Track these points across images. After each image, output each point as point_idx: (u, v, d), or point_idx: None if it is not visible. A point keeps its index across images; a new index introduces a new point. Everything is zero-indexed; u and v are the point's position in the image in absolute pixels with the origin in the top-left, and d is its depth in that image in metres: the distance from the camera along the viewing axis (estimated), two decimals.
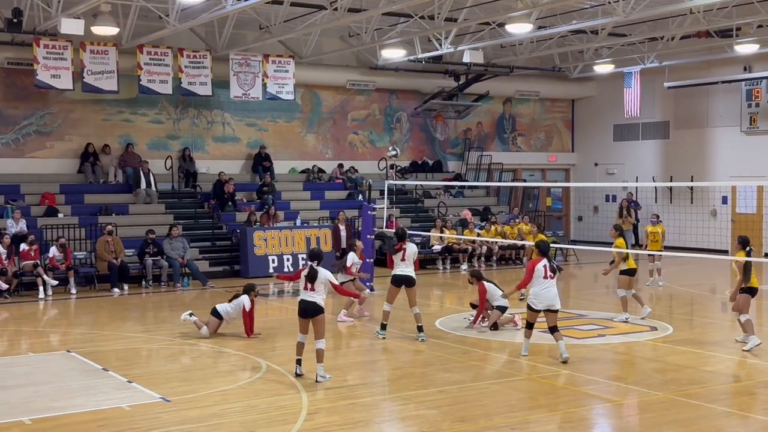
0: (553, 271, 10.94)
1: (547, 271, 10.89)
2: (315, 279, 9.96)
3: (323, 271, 10.10)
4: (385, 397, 9.63)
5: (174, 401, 9.15)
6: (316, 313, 9.97)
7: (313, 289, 9.98)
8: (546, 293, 10.88)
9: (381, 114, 26.64)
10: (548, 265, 10.94)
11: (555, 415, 8.70)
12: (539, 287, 10.89)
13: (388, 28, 21.26)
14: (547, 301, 10.88)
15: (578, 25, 20.02)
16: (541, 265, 10.93)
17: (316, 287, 9.97)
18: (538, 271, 10.89)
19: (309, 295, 10.00)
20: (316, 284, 9.97)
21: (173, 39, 20.90)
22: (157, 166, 22.26)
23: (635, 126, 27.77)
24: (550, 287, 10.90)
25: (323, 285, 10.03)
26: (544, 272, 10.89)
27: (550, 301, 10.89)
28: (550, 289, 10.90)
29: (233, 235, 21.30)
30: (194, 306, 16.95)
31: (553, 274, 10.93)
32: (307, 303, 10.01)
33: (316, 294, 9.98)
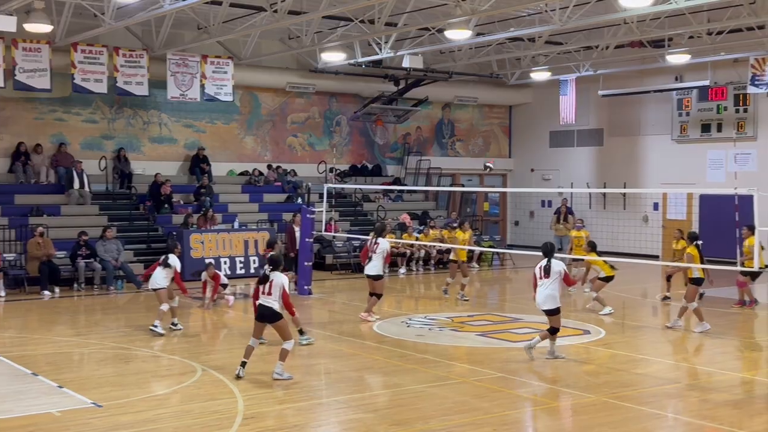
0: (546, 272, 11.20)
1: (541, 272, 11.25)
2: (266, 282, 10.01)
3: (279, 276, 10.12)
4: (322, 401, 9.61)
5: (106, 406, 8.98)
6: (275, 318, 10.01)
7: (270, 293, 10.01)
8: (538, 294, 11.31)
9: (321, 117, 26.60)
10: (542, 266, 11.26)
11: (490, 418, 8.80)
12: (538, 290, 11.32)
13: (328, 31, 21.25)
14: (538, 301, 11.31)
15: (516, 33, 20.30)
16: (537, 266, 11.34)
17: (272, 292, 9.99)
18: (536, 273, 11.33)
19: (266, 300, 10.04)
20: (273, 289, 9.99)
21: (109, 37, 20.52)
22: (91, 167, 21.83)
23: (570, 133, 28.28)
24: (541, 288, 11.27)
25: (279, 290, 10.06)
26: (539, 273, 11.28)
27: (540, 301, 11.29)
28: (541, 290, 11.26)
29: (169, 237, 20.98)
30: (127, 308, 16.72)
31: (546, 274, 11.18)
32: (265, 308, 10.04)
33: (272, 299, 10.00)
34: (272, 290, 10.01)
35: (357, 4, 16.91)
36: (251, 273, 20.86)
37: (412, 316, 15.06)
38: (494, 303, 17.64)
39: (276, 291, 10.03)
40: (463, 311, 16.03)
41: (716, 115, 24.44)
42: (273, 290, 10.02)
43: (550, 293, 11.26)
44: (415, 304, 17.50)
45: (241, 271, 20.88)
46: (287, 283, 10.28)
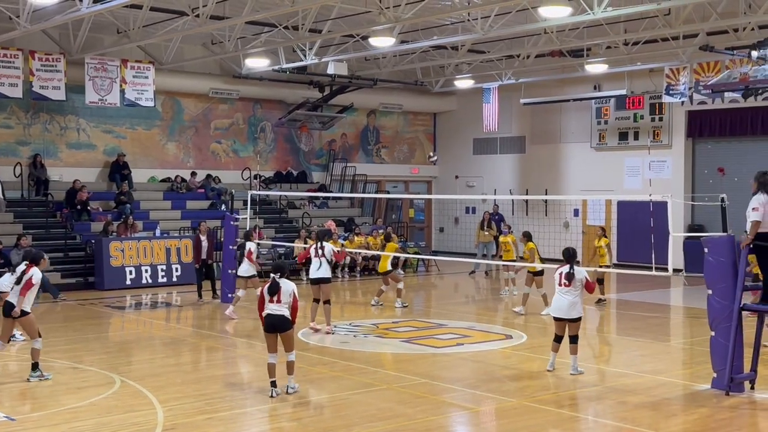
0: (569, 279, 10.81)
1: (561, 279, 10.86)
2: (277, 291, 9.66)
3: (287, 283, 9.77)
4: (244, 410, 9.48)
5: (19, 420, 8.69)
6: (286, 327, 9.68)
7: (279, 301, 9.66)
8: (558, 301, 10.92)
9: (245, 123, 26.35)
10: (564, 272, 10.86)
11: (414, 424, 8.82)
12: (557, 294, 10.98)
13: (251, 37, 21.08)
14: (559, 309, 10.92)
15: (439, 41, 20.52)
16: (557, 272, 10.98)
17: (282, 299, 9.66)
18: (556, 279, 10.98)
19: (276, 308, 9.66)
20: (282, 296, 9.66)
21: (24, 41, 19.93)
22: (6, 173, 21.17)
23: (494, 140, 28.68)
24: (562, 295, 10.88)
25: (289, 296, 9.69)
26: (559, 279, 10.91)
27: (563, 309, 10.88)
28: (563, 297, 10.87)
29: (88, 245, 20.48)
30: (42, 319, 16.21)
31: (568, 282, 10.81)
32: (275, 317, 9.65)
33: (282, 306, 9.66)
34: (281, 297, 9.65)
35: (280, 10, 16.82)
36: (173, 281, 20.53)
37: (336, 323, 15.00)
38: (419, 309, 17.73)
39: (285, 298, 9.67)
40: (388, 318, 16.07)
41: (633, 123, 25.13)
42: (282, 297, 9.66)
43: (574, 300, 10.83)
44: (340, 310, 17.43)
45: (163, 279, 20.50)
46: (297, 289, 9.87)
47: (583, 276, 10.93)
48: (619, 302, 18.92)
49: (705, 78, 22.00)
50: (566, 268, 10.96)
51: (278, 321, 9.69)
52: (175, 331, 14.88)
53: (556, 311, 11.02)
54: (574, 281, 10.82)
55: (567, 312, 10.85)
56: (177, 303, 18.49)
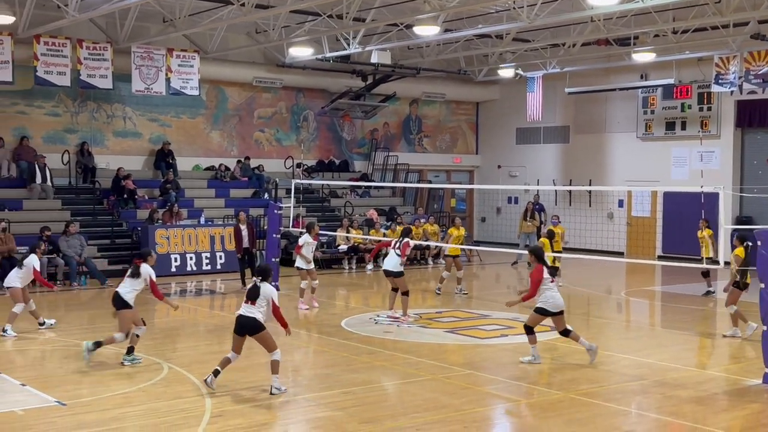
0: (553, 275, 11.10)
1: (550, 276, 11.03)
2: (257, 297, 9.35)
3: (268, 288, 9.46)
4: (290, 398, 9.53)
5: (70, 405, 8.83)
6: (256, 330, 9.30)
7: (253, 303, 9.35)
8: (557, 297, 11.02)
9: (288, 112, 26.44)
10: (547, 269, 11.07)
11: (460, 415, 8.80)
12: (552, 291, 11.01)
13: (296, 25, 21.12)
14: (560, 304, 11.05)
15: (484, 30, 20.35)
16: (546, 272, 11.04)
17: (257, 303, 9.35)
18: (547, 278, 10.98)
19: (248, 309, 9.34)
20: (258, 300, 9.36)
21: (72, 29, 20.20)
22: (54, 161, 21.50)
23: (537, 130, 28.43)
24: (557, 290, 11.10)
25: (266, 301, 9.39)
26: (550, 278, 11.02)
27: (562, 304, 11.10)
28: (556, 292, 11.06)
29: (134, 232, 20.75)
30: (91, 305, 16.49)
31: (552, 278, 11.07)
32: (245, 318, 9.31)
33: (255, 309, 9.32)
34: (257, 302, 9.34)
35: None
36: (217, 269, 20.72)
37: (379, 313, 15.02)
38: (461, 299, 17.65)
39: (262, 302, 9.35)
40: (431, 308, 16.05)
41: (680, 113, 24.72)
42: (258, 302, 9.34)
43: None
44: (382, 300, 17.43)
45: (207, 267, 20.70)
46: (276, 295, 9.56)
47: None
48: (666, 295, 18.69)
49: (755, 67, 21.56)
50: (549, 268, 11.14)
51: (248, 323, 9.31)
52: (219, 319, 15.00)
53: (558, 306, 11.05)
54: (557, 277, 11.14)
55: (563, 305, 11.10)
56: (221, 290, 18.67)
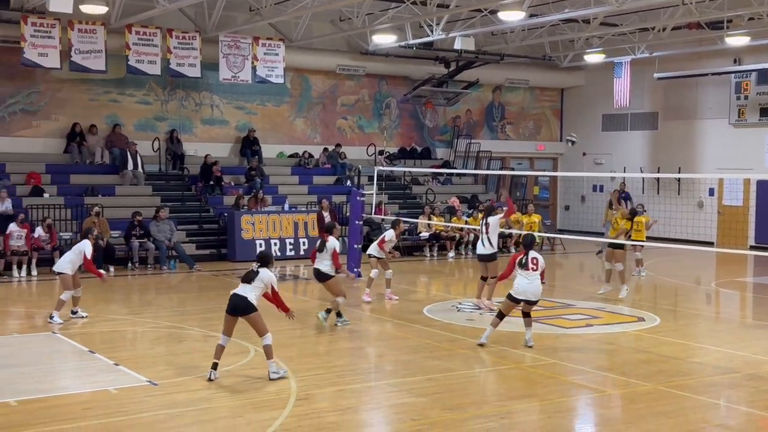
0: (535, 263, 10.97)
1: (530, 264, 10.95)
2: (251, 281, 9.28)
3: (266, 274, 9.38)
4: (374, 383, 9.61)
5: (161, 385, 9.09)
6: (248, 311, 9.18)
7: (249, 283, 9.31)
8: (530, 286, 10.97)
9: (370, 99, 26.53)
10: (532, 258, 10.98)
11: (543, 405, 8.71)
12: (523, 280, 10.97)
13: (379, 13, 21.14)
14: (531, 293, 11.01)
15: (570, 14, 19.96)
16: (522, 257, 11.05)
17: (252, 284, 9.29)
18: (525, 265, 10.97)
19: (242, 290, 9.26)
20: (254, 283, 9.31)
21: (162, 19, 20.69)
22: (145, 148, 22.09)
23: (624, 116, 27.80)
24: (533, 280, 10.99)
25: (263, 284, 9.33)
26: (529, 265, 10.95)
27: (534, 293, 11.04)
28: (533, 281, 10.98)
29: (220, 218, 21.20)
30: (180, 288, 16.93)
31: (535, 267, 10.97)
32: (237, 297, 9.20)
33: (248, 290, 9.24)
34: (253, 283, 9.29)
35: None
36: (301, 254, 20.97)
37: (461, 301, 14.97)
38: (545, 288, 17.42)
39: (258, 284, 9.29)
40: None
41: None
42: (254, 283, 9.29)
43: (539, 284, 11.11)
44: (463, 288, 17.39)
45: (291, 252, 20.98)
46: (275, 281, 9.51)
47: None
48: (758, 286, 18.09)
49: None
50: (532, 253, 11.07)
51: (240, 302, 9.20)
52: (302, 303, 15.18)
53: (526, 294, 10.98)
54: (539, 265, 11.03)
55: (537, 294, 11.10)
56: (304, 276, 18.90)
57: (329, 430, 7.76)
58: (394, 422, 8.16)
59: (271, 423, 7.83)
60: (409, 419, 8.09)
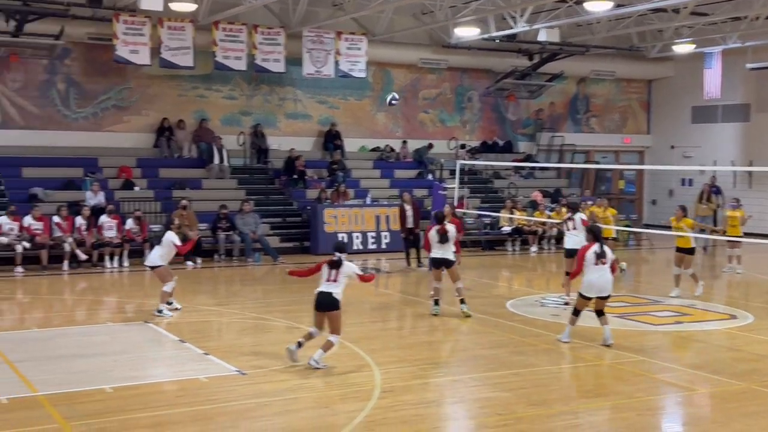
0: (603, 257, 10.54)
1: (597, 258, 10.53)
2: (339, 266, 9.52)
3: (349, 264, 9.67)
4: (457, 377, 9.58)
5: (249, 374, 9.26)
6: (332, 307, 9.47)
7: (335, 280, 9.50)
8: (598, 280, 10.56)
9: (452, 93, 26.43)
10: (599, 251, 10.57)
11: (631, 402, 8.53)
12: (592, 275, 10.58)
13: (462, 5, 21.03)
14: (598, 288, 10.59)
15: (659, 4, 19.47)
16: (591, 251, 10.59)
17: (338, 279, 9.50)
18: (589, 258, 10.56)
19: (328, 287, 9.50)
20: (339, 276, 9.51)
21: (248, 15, 21.06)
22: (230, 142, 22.54)
23: (714, 108, 26.98)
24: (603, 274, 10.58)
25: (346, 278, 9.58)
26: (594, 258, 10.53)
27: (603, 288, 10.61)
28: (603, 275, 10.56)
29: (304, 211, 21.46)
30: (264, 280, 17.23)
31: (604, 259, 10.54)
32: (324, 295, 9.48)
33: (334, 286, 9.48)
34: (338, 278, 9.51)
35: None
36: (383, 248, 21.07)
37: (545, 296, 14.80)
38: (631, 284, 17.09)
39: (342, 278, 9.52)
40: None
41: None
42: (339, 278, 9.51)
43: (610, 278, 10.59)
44: (546, 283, 17.19)
45: (372, 246, 21.10)
46: (356, 268, 9.77)
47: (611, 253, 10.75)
48: None
49: None
50: (596, 246, 10.57)
51: (327, 300, 9.45)
52: (384, 297, 15.28)
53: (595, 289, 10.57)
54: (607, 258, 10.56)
55: (607, 288, 10.62)
56: (386, 269, 18.98)
57: (413, 423, 7.78)
58: (478, 416, 8.13)
59: (356, 414, 7.89)
60: (495, 414, 8.05)
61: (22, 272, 17.05)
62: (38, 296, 14.95)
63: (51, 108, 21.15)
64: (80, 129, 21.42)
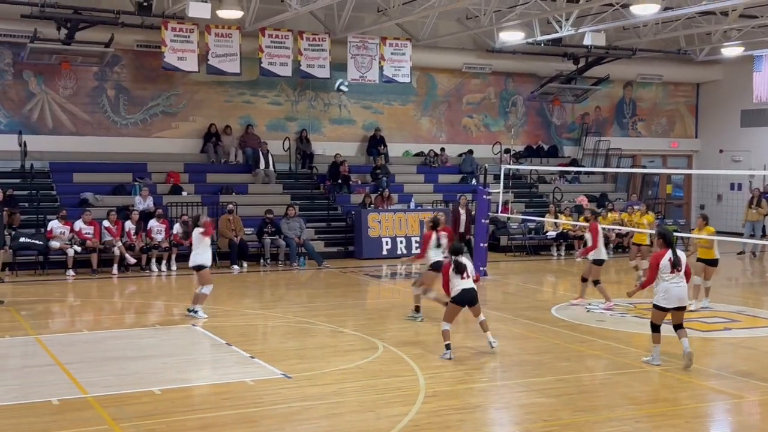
0: (678, 265, 9.83)
1: (672, 265, 9.84)
2: (464, 270, 10.50)
3: (468, 262, 10.80)
4: (502, 383, 9.56)
5: (295, 378, 9.35)
6: (476, 299, 10.69)
7: (468, 277, 10.53)
8: (675, 290, 9.86)
9: (496, 98, 26.35)
10: (672, 258, 9.85)
11: (678, 410, 8.44)
12: (668, 283, 9.84)
13: (506, 10, 20.95)
14: (677, 299, 9.90)
15: (707, 6, 19.18)
16: (666, 258, 9.85)
17: (469, 275, 10.56)
18: (664, 266, 9.85)
19: (468, 284, 10.52)
20: (470, 271, 10.59)
21: (294, 22, 21.24)
22: (276, 147, 22.73)
23: (764, 111, 26.50)
24: (679, 282, 9.88)
25: (474, 272, 10.77)
26: (670, 267, 9.83)
27: (681, 298, 9.93)
28: (680, 284, 9.87)
29: (348, 216, 21.56)
30: (309, 284, 17.34)
31: (680, 267, 9.85)
32: (468, 291, 10.50)
33: (470, 281, 10.57)
34: (469, 274, 10.54)
35: None
36: None
37: (591, 301, 14.67)
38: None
39: (471, 274, 10.61)
40: (647, 298, 15.41)
41: None
42: (471, 273, 10.60)
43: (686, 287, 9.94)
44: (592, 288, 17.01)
45: (416, 250, 21.04)
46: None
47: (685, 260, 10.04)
48: None
49: None
50: (670, 253, 9.87)
51: (471, 294, 10.51)
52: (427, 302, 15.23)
53: (673, 300, 9.85)
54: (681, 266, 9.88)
55: (684, 299, 10.03)
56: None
57: (457, 428, 7.78)
58: (524, 422, 8.10)
59: (400, 419, 7.92)
60: (540, 420, 8.01)
61: (73, 276, 17.41)
62: (88, 299, 15.25)
63: (101, 114, 21.57)
64: (129, 135, 21.81)
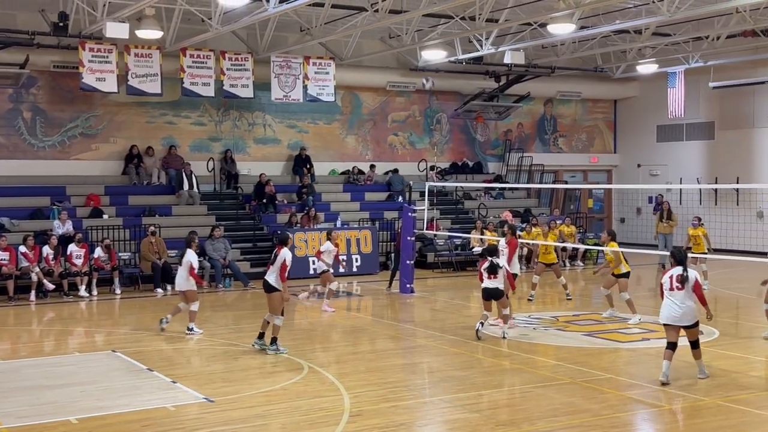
0: (681, 282, 9.87)
1: (673, 282, 9.91)
2: (497, 271, 12.52)
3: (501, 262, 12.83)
4: (427, 399, 9.60)
5: (217, 401, 9.22)
6: (499, 296, 12.70)
7: (495, 277, 12.56)
8: (669, 307, 9.95)
9: (421, 115, 26.61)
10: (676, 275, 9.90)
11: (600, 420, 8.60)
12: (666, 299, 9.97)
13: (428, 29, 21.23)
14: (666, 316, 10.01)
15: (621, 25, 19.81)
16: (667, 276, 10.02)
17: (498, 276, 12.56)
18: (665, 283, 10.01)
19: (491, 283, 12.58)
20: (499, 274, 12.56)
21: (216, 42, 21.09)
22: (200, 168, 22.47)
23: (679, 127, 27.40)
24: (675, 300, 9.90)
25: (502, 274, 12.69)
26: (669, 283, 9.94)
27: (670, 316, 9.98)
28: (675, 302, 9.90)
29: (274, 236, 21.38)
30: (235, 306, 17.15)
31: (681, 285, 9.86)
32: (491, 290, 12.60)
33: (497, 281, 12.58)
34: (498, 275, 12.58)
35: (458, 2, 16.83)
36: (353, 271, 21.07)
37: (515, 315, 14.85)
38: (599, 302, 17.22)
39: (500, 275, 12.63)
40: (568, 311, 15.74)
41: None
42: (499, 275, 12.59)
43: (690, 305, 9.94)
44: (517, 303, 17.25)
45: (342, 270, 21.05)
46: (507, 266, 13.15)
47: (695, 278, 10.00)
48: None
49: None
50: (678, 269, 9.97)
51: (492, 292, 12.70)
52: (356, 320, 15.29)
53: (665, 316, 10.03)
54: (687, 284, 9.86)
55: (680, 319, 9.92)
56: (357, 292, 18.98)
57: None
58: None
59: None
60: None
61: None
62: (5, 327, 14.75)
63: (17, 137, 21.00)
64: (47, 158, 21.27)
